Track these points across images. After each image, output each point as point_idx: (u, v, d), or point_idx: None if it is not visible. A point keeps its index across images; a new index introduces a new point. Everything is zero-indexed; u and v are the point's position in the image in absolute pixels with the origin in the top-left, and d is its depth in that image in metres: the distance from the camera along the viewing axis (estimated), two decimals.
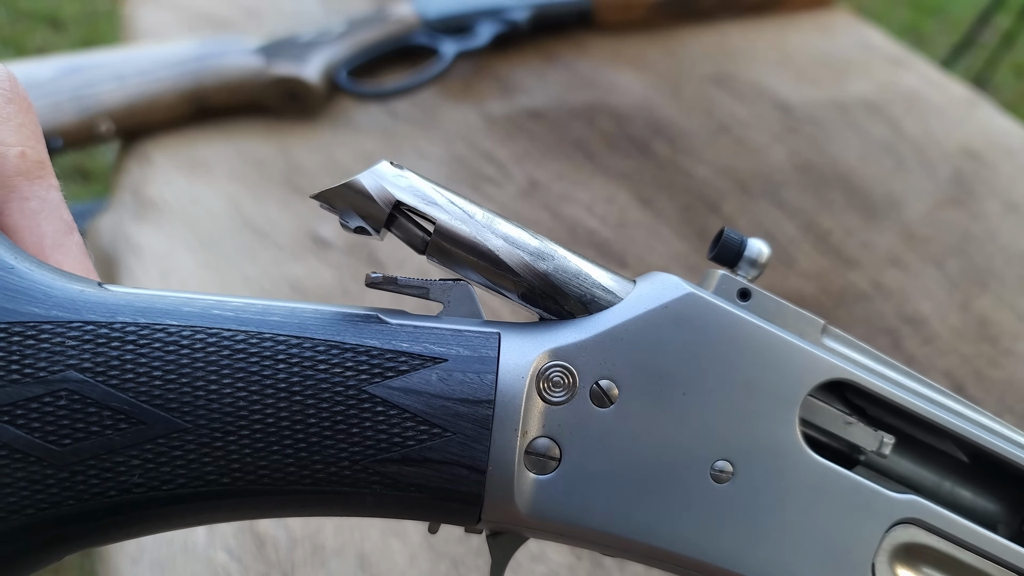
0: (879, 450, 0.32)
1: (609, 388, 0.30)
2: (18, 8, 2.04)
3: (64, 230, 0.31)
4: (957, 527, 0.32)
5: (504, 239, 0.31)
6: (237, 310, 0.29)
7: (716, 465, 0.30)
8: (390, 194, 0.30)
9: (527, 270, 0.31)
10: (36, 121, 0.32)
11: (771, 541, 0.31)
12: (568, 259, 0.31)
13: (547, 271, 0.31)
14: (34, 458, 0.26)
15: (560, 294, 0.31)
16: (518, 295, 0.31)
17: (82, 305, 0.28)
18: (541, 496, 0.30)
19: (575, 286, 0.31)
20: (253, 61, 0.79)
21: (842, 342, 0.33)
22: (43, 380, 0.27)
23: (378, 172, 0.30)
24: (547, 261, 0.31)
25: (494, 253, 0.31)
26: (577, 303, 0.31)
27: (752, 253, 0.33)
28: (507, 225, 0.31)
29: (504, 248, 0.31)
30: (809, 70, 0.89)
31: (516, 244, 0.31)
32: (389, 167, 0.31)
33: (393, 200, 0.30)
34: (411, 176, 0.31)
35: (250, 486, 0.28)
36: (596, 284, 0.31)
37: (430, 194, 0.31)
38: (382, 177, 0.30)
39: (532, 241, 0.31)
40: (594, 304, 0.31)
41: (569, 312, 0.31)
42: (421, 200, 0.30)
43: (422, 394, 0.29)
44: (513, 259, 0.31)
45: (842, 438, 0.33)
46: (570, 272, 0.31)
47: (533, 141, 0.79)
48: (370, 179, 0.30)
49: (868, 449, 0.33)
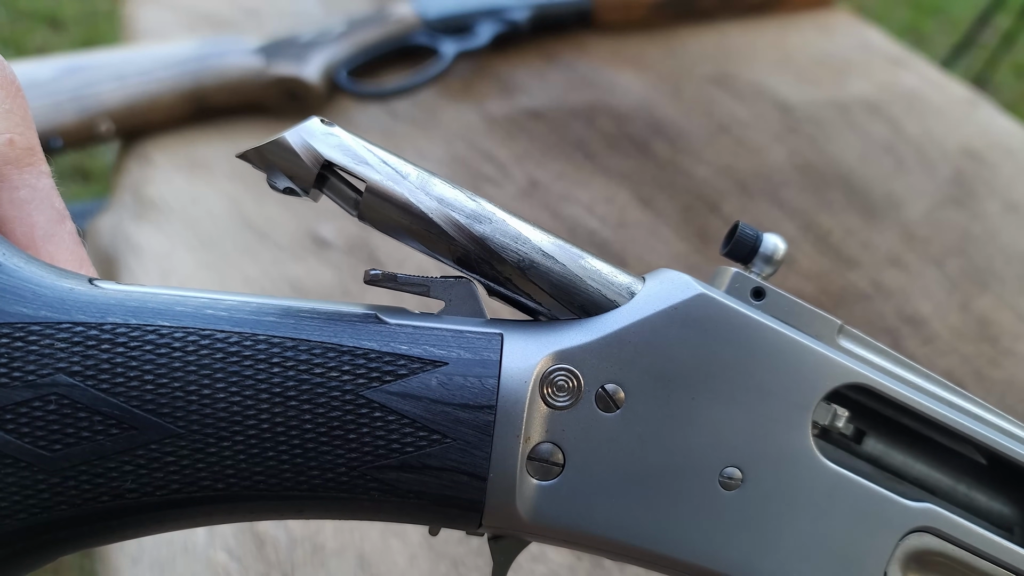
0: (832, 423, 0.31)
1: (615, 392, 0.29)
2: (18, 8, 2.04)
3: (56, 219, 0.30)
4: (972, 535, 0.31)
5: (439, 200, 0.29)
6: (231, 309, 0.28)
7: (725, 472, 0.29)
8: (318, 152, 0.29)
9: (462, 233, 0.29)
10: (25, 106, 0.31)
11: (780, 549, 0.30)
12: (507, 223, 0.30)
13: (484, 234, 0.29)
14: (25, 463, 0.26)
15: (497, 259, 0.29)
16: (454, 259, 0.30)
17: (72, 305, 0.27)
18: (544, 502, 0.29)
19: (513, 250, 0.29)
20: (253, 61, 0.79)
21: (859, 343, 0.32)
22: (32, 384, 0.26)
23: (306, 129, 0.29)
24: (484, 224, 0.29)
25: (427, 215, 0.29)
26: (515, 270, 0.29)
27: (767, 249, 0.31)
28: (443, 186, 0.30)
29: (437, 210, 0.29)
30: (809, 70, 0.89)
31: (451, 206, 0.29)
32: (318, 124, 0.29)
33: (322, 159, 0.29)
34: (341, 133, 0.29)
35: (245, 491, 0.28)
36: (536, 250, 0.29)
37: (361, 153, 0.29)
38: (310, 134, 0.29)
39: (468, 203, 0.30)
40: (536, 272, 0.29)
41: (503, 276, 0.30)
42: (351, 159, 0.29)
43: (421, 399, 0.28)
44: (447, 221, 0.29)
45: None
46: (508, 236, 0.29)
47: (533, 141, 0.79)
48: (297, 136, 0.29)
49: (821, 423, 0.31)
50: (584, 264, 0.30)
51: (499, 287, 0.30)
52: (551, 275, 0.30)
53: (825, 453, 0.30)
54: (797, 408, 0.30)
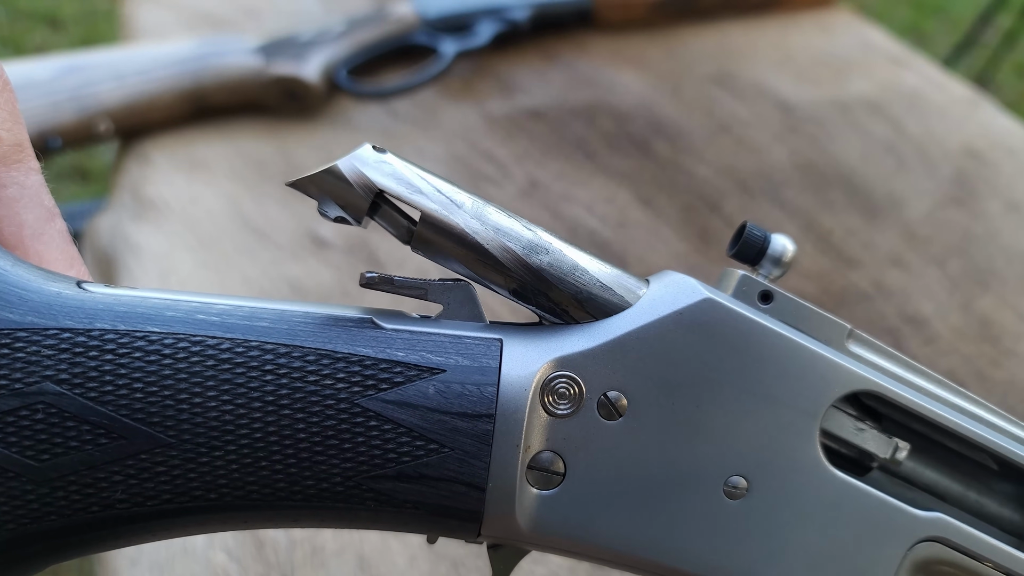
0: (893, 457, 0.31)
1: (618, 400, 0.28)
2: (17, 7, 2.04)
3: (45, 217, 0.29)
4: (982, 545, 0.30)
5: (495, 230, 0.28)
6: (223, 314, 0.27)
7: (730, 481, 0.29)
8: (372, 181, 0.28)
9: (518, 264, 0.29)
10: (14, 101, 0.30)
11: (786, 560, 0.29)
12: (564, 252, 0.29)
13: (540, 265, 0.29)
14: (12, 473, 0.25)
15: (554, 290, 0.29)
16: (509, 291, 0.29)
17: (59, 310, 0.26)
18: (544, 512, 0.28)
19: (571, 282, 0.29)
20: (252, 60, 0.79)
21: (869, 348, 0.31)
22: (19, 392, 0.25)
23: (359, 157, 0.28)
24: (541, 255, 0.29)
25: (482, 245, 0.28)
26: (573, 301, 0.29)
27: (776, 251, 0.30)
28: (498, 215, 0.29)
29: (493, 239, 0.28)
30: (810, 70, 0.88)
31: (507, 235, 0.28)
32: (371, 151, 0.28)
33: (375, 188, 0.28)
34: (394, 161, 0.28)
35: (238, 501, 0.27)
36: (595, 282, 0.29)
37: (414, 181, 0.28)
38: (363, 162, 0.28)
39: (525, 232, 0.29)
40: (594, 304, 0.29)
41: (566, 312, 0.29)
42: (405, 187, 0.28)
43: (418, 408, 0.27)
44: (504, 252, 0.28)
45: (854, 444, 0.31)
46: (566, 267, 0.29)
47: (533, 141, 0.78)
48: (349, 165, 0.28)
49: (880, 456, 0.31)
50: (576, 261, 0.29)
51: (548, 314, 0.30)
52: (596, 300, 0.29)
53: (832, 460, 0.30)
54: (805, 416, 0.29)
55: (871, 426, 0.31)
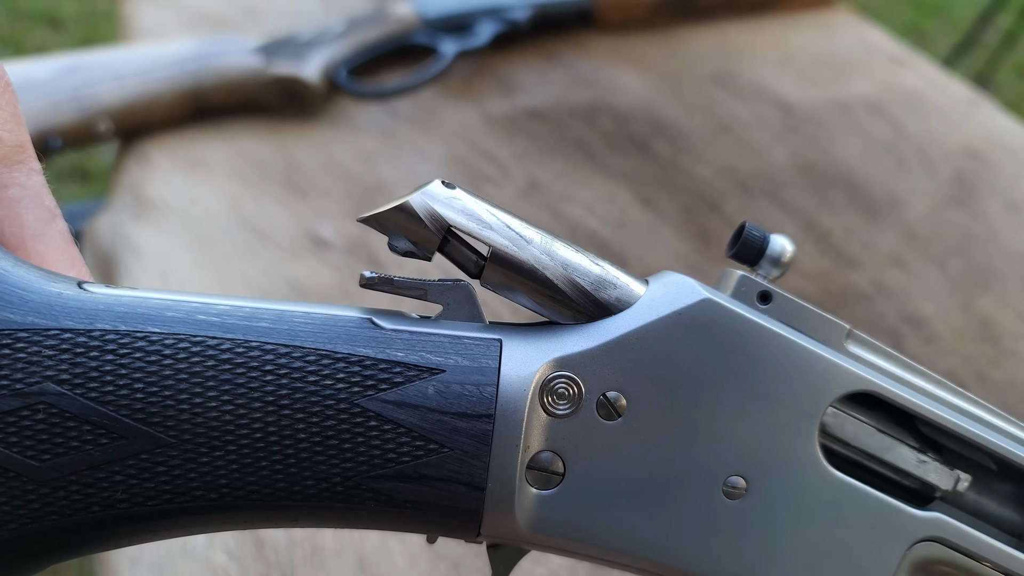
0: (955, 488, 0.31)
1: (617, 400, 0.28)
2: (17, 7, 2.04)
3: (46, 218, 0.29)
4: (981, 545, 0.30)
5: (564, 265, 0.29)
6: (223, 315, 0.28)
7: (729, 481, 0.29)
8: (443, 217, 0.28)
9: (587, 299, 0.29)
10: (15, 102, 0.30)
11: (785, 560, 0.29)
12: (631, 287, 0.29)
13: (609, 300, 0.29)
14: (13, 473, 0.25)
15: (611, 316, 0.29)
16: (574, 320, 0.29)
17: (60, 311, 0.26)
18: (543, 512, 0.28)
19: None
20: (252, 60, 0.79)
21: (868, 348, 0.31)
22: (20, 393, 0.25)
23: (430, 193, 0.28)
24: (610, 290, 0.29)
25: (552, 281, 0.29)
26: None
27: (775, 251, 0.30)
28: (567, 250, 0.29)
29: (562, 276, 0.29)
30: (810, 70, 0.88)
31: (576, 271, 0.29)
32: (441, 187, 0.29)
33: (446, 224, 0.28)
34: (464, 197, 0.29)
35: (238, 501, 0.27)
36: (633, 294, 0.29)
37: (484, 217, 0.29)
38: (434, 199, 0.28)
39: (593, 268, 0.29)
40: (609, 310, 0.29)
41: None
42: (476, 223, 0.28)
43: (418, 408, 0.27)
44: (572, 286, 0.29)
45: (915, 476, 0.31)
46: (632, 299, 0.29)
47: (533, 141, 0.78)
48: (420, 201, 0.28)
49: (943, 488, 0.31)
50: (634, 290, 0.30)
51: None
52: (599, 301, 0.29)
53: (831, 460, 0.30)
54: (803, 416, 0.29)
55: (933, 458, 0.31)
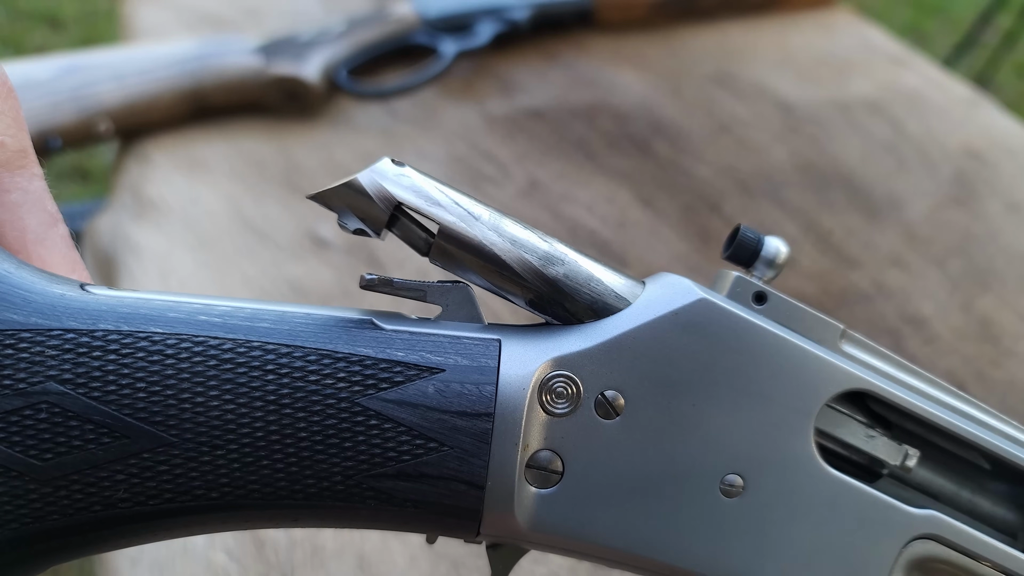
0: (903, 464, 0.31)
1: (615, 399, 0.29)
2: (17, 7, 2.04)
3: (48, 222, 0.30)
4: (976, 543, 0.31)
5: (512, 242, 0.29)
6: (224, 315, 0.28)
7: (726, 479, 0.29)
8: (391, 194, 0.28)
9: (535, 275, 0.29)
10: (17, 107, 0.30)
11: (782, 557, 0.30)
12: (580, 263, 0.29)
13: (557, 276, 0.29)
14: (16, 472, 0.26)
15: (570, 300, 0.29)
16: (525, 301, 0.30)
17: (62, 311, 0.27)
18: (543, 510, 0.29)
19: (586, 292, 0.29)
20: (252, 61, 0.79)
21: (862, 348, 0.31)
22: (23, 392, 0.26)
23: (378, 171, 0.29)
24: (557, 266, 0.29)
25: (500, 257, 0.29)
26: (588, 310, 0.29)
27: (769, 253, 0.31)
28: (515, 226, 0.29)
29: (511, 252, 0.29)
30: (810, 69, 0.88)
31: (524, 247, 0.29)
32: (390, 165, 0.29)
33: (394, 201, 0.28)
34: (413, 174, 0.29)
35: (239, 500, 0.27)
36: (609, 291, 0.29)
37: (433, 194, 0.29)
38: (383, 176, 0.29)
39: (541, 244, 0.29)
40: (602, 309, 0.29)
41: (575, 317, 0.30)
42: (424, 200, 0.29)
43: (418, 407, 0.28)
44: (521, 264, 0.29)
45: (864, 451, 0.31)
46: (581, 278, 0.29)
47: (533, 141, 0.78)
48: (369, 178, 0.28)
49: (892, 463, 0.31)
50: (591, 271, 0.30)
51: (560, 322, 0.30)
52: (593, 300, 0.30)
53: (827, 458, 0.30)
54: (799, 414, 0.29)
55: (881, 433, 0.32)
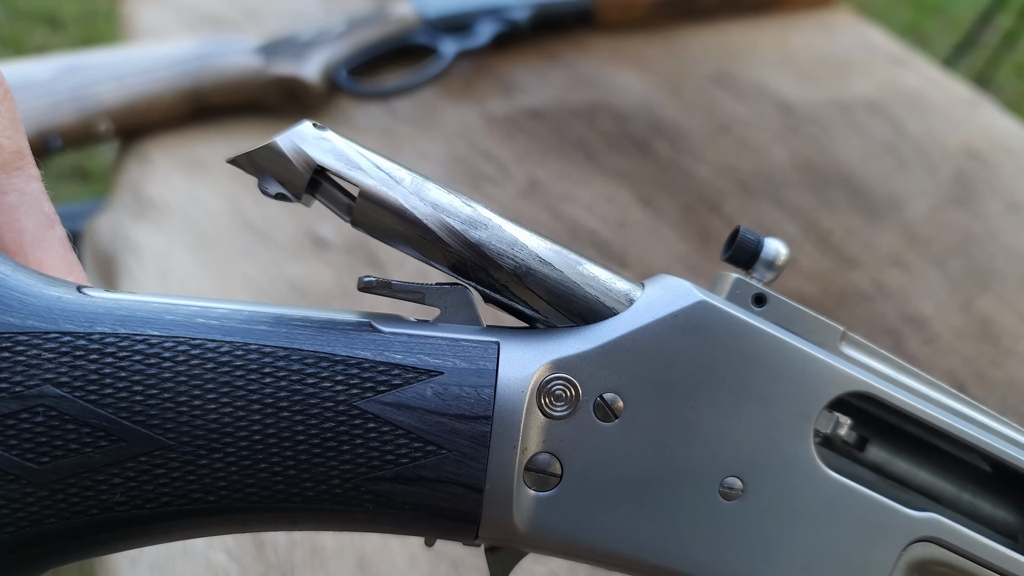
0: (834, 431, 0.31)
1: (614, 401, 0.28)
2: (17, 7, 2.04)
3: (45, 224, 0.29)
4: (976, 545, 0.30)
5: (433, 206, 0.29)
6: (222, 318, 0.28)
7: (725, 482, 0.29)
8: (310, 157, 0.28)
9: (457, 239, 0.29)
10: (14, 109, 0.30)
11: (782, 560, 0.29)
12: (504, 228, 0.29)
13: (480, 240, 0.29)
14: (12, 476, 0.25)
15: (493, 265, 0.29)
16: (448, 266, 0.29)
17: (59, 314, 0.26)
18: (541, 513, 0.29)
19: (509, 257, 0.29)
20: (252, 61, 0.79)
21: (862, 350, 0.31)
22: (19, 395, 0.25)
23: (298, 133, 0.28)
24: (480, 230, 0.29)
25: (421, 220, 0.28)
26: (512, 277, 0.29)
27: (769, 254, 0.31)
28: (438, 191, 0.29)
29: (432, 215, 0.29)
30: (810, 69, 0.88)
31: (446, 211, 0.29)
32: (310, 128, 0.28)
33: (314, 164, 0.28)
34: (333, 137, 0.28)
35: (237, 504, 0.27)
36: (533, 256, 0.29)
37: (353, 157, 0.28)
38: (302, 139, 0.28)
39: (464, 208, 0.29)
40: (532, 279, 0.29)
41: (506, 288, 0.29)
42: (344, 164, 0.28)
43: (416, 410, 0.27)
44: (443, 228, 0.29)
45: None
46: (504, 242, 0.29)
47: (533, 141, 0.78)
48: (288, 141, 0.28)
49: (823, 431, 0.31)
50: (582, 270, 0.30)
51: (496, 294, 0.30)
52: (548, 282, 0.29)
53: (827, 461, 0.30)
54: (799, 417, 0.29)
55: None
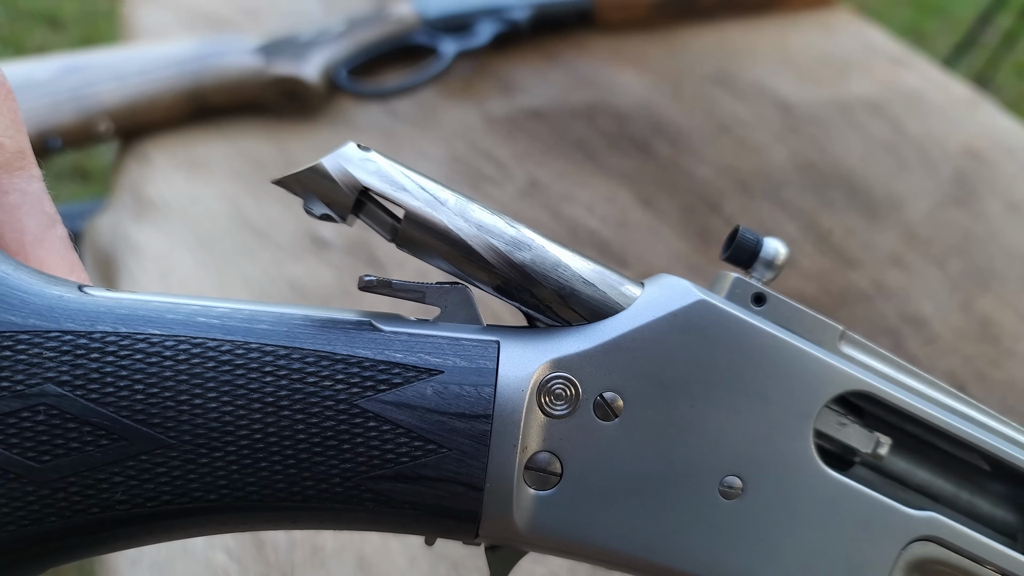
0: (875, 451, 0.31)
1: (613, 400, 0.29)
2: (17, 7, 2.04)
3: (46, 224, 0.30)
4: (976, 544, 0.31)
5: (478, 227, 0.29)
6: (223, 317, 0.28)
7: (725, 481, 0.29)
8: (356, 179, 0.28)
9: (502, 261, 0.29)
10: (16, 109, 0.30)
11: (782, 559, 0.30)
12: (547, 249, 0.29)
13: (524, 262, 0.29)
14: (13, 475, 0.25)
15: (537, 286, 0.29)
16: (493, 288, 0.30)
17: (60, 313, 0.26)
18: (541, 512, 0.29)
19: (553, 278, 0.29)
20: (252, 60, 0.79)
21: (861, 349, 0.31)
22: (20, 394, 0.25)
23: (343, 155, 0.28)
24: (524, 252, 0.29)
25: (466, 242, 0.29)
26: (556, 297, 0.29)
27: (768, 254, 0.31)
28: (482, 212, 0.29)
29: (477, 236, 0.29)
30: (810, 70, 0.88)
31: (490, 232, 0.29)
32: (355, 149, 0.29)
33: (359, 185, 0.28)
34: (378, 159, 0.29)
35: (238, 502, 0.27)
36: (577, 278, 0.29)
37: (398, 179, 0.29)
38: (348, 160, 0.28)
39: (508, 229, 0.29)
40: (579, 302, 0.29)
41: (550, 308, 0.29)
42: (389, 185, 0.28)
43: (416, 408, 0.27)
44: (488, 249, 0.29)
45: (835, 439, 0.31)
46: (548, 264, 0.29)
47: (533, 141, 0.78)
48: (334, 162, 0.28)
49: (863, 451, 0.31)
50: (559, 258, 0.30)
51: (536, 312, 0.30)
52: (591, 302, 0.29)
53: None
54: (798, 416, 0.29)
55: (853, 421, 0.32)
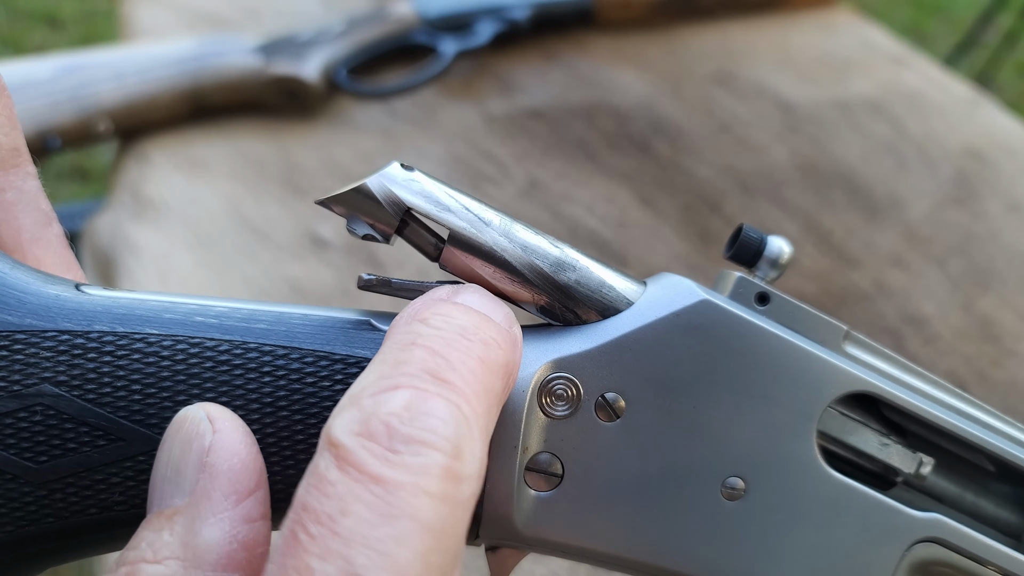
0: (917, 472, 0.31)
1: (615, 401, 0.28)
2: (17, 7, 2.04)
3: (42, 221, 0.29)
4: (979, 546, 0.30)
5: (523, 248, 0.28)
6: (221, 316, 0.27)
7: (727, 482, 0.29)
8: (401, 199, 0.28)
9: (546, 281, 0.29)
10: (11, 106, 0.30)
11: (784, 560, 0.29)
12: (591, 269, 0.29)
13: (568, 283, 0.29)
14: (10, 475, 0.25)
15: (581, 307, 0.29)
16: (536, 308, 0.29)
17: (57, 312, 0.26)
18: (542, 513, 0.28)
19: (598, 299, 0.29)
20: (252, 60, 0.79)
21: (865, 349, 0.31)
22: (17, 394, 0.25)
23: (387, 175, 0.28)
24: (569, 272, 0.29)
25: (511, 263, 0.28)
26: (599, 317, 0.29)
27: (772, 253, 0.31)
28: (526, 232, 0.29)
29: (522, 258, 0.28)
30: (810, 69, 0.88)
31: (535, 253, 0.28)
32: (399, 169, 0.28)
33: (404, 206, 0.28)
34: (423, 179, 0.28)
35: None
36: (622, 299, 0.29)
37: (442, 199, 0.28)
38: (392, 180, 0.28)
39: (552, 250, 0.29)
40: (605, 311, 0.29)
41: (580, 320, 0.29)
42: (434, 205, 0.28)
43: None
44: (532, 270, 0.28)
45: (878, 459, 0.31)
46: (593, 284, 0.29)
47: (533, 140, 0.78)
48: (378, 183, 0.28)
49: (906, 472, 0.31)
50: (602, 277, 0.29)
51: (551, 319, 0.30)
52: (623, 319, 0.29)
53: None
54: (802, 416, 0.29)
55: (896, 441, 0.31)
